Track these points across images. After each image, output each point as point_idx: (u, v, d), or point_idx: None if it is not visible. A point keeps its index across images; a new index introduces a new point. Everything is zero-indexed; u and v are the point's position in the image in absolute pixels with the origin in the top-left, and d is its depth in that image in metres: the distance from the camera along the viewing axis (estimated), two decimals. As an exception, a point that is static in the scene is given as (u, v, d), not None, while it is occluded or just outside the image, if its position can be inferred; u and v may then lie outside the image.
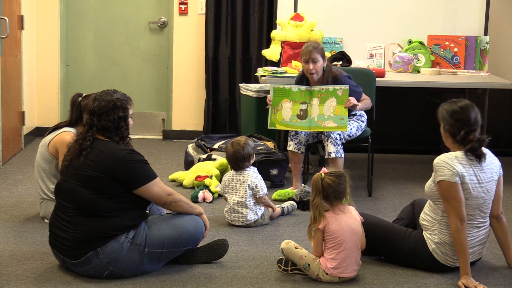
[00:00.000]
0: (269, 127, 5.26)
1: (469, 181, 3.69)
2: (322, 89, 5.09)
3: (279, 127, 5.21)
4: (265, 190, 4.62)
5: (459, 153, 3.73)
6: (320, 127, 5.09)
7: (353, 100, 5.02)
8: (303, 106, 5.13)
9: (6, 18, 5.97)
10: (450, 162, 3.68)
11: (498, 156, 3.92)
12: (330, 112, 5.05)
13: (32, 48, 6.97)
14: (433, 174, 3.76)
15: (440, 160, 3.72)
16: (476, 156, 3.72)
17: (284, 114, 5.16)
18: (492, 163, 3.80)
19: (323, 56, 5.11)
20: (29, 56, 6.88)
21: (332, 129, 5.07)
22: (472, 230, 3.76)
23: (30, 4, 6.86)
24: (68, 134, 4.42)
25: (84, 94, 4.49)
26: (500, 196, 3.86)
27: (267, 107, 5.22)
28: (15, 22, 6.39)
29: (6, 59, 6.08)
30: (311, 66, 5.05)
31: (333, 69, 5.22)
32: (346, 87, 5.04)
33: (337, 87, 5.06)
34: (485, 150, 3.77)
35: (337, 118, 5.03)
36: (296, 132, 5.23)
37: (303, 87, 5.15)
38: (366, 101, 5.23)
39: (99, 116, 3.68)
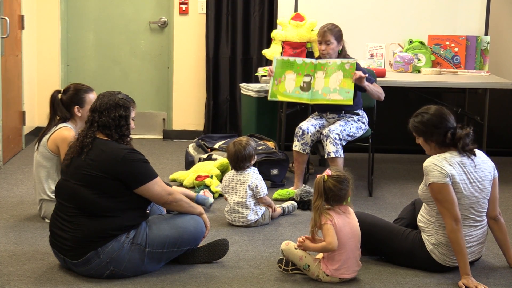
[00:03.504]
0: (269, 99, 5.18)
1: (460, 181, 3.68)
2: (329, 62, 5.04)
3: (280, 98, 5.12)
4: (265, 191, 4.62)
5: (448, 154, 3.73)
6: (324, 99, 5.02)
7: (359, 72, 4.94)
8: (307, 79, 5.07)
9: (6, 18, 5.97)
10: (439, 163, 3.68)
11: (498, 156, 3.92)
12: (336, 85, 4.98)
13: (32, 48, 6.97)
14: (424, 177, 3.76)
15: (429, 162, 3.72)
16: (469, 151, 3.72)
17: (287, 86, 5.09)
18: (484, 163, 3.79)
19: (337, 38, 5.08)
20: (30, 56, 6.88)
21: (336, 102, 5.01)
22: (468, 230, 3.75)
23: (30, 4, 6.86)
24: (66, 129, 4.41)
25: (63, 90, 4.50)
26: (496, 198, 3.85)
27: (267, 76, 5.16)
28: (16, 22, 6.39)
29: (6, 59, 6.08)
30: (323, 47, 5.04)
31: (347, 56, 5.17)
32: (353, 61, 4.98)
33: (344, 60, 4.99)
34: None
35: (342, 91, 4.96)
36: (303, 133, 5.19)
37: (307, 60, 5.09)
38: (378, 87, 5.13)
39: (101, 113, 3.68)
